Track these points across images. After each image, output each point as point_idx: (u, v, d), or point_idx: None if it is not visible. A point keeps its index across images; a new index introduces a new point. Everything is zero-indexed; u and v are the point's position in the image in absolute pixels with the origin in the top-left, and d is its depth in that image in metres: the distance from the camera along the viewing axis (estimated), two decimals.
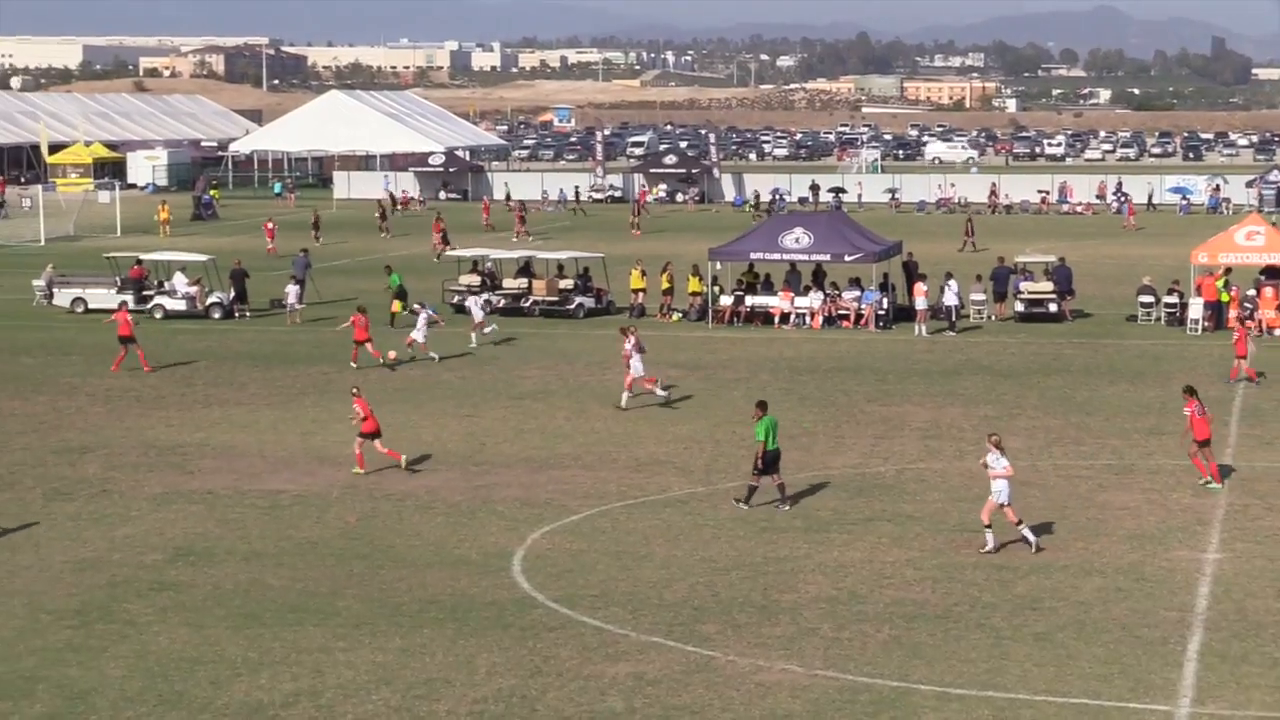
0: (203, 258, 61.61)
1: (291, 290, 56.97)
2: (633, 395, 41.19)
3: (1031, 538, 28.06)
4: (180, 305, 58.14)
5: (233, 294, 58.46)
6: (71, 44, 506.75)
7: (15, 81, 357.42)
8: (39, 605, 25.18)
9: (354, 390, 35.80)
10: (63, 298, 59.36)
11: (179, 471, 34.51)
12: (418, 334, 48.59)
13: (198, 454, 36.18)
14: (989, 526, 27.96)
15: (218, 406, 41.77)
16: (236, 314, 57.94)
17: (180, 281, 58.89)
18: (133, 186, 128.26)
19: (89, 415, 40.49)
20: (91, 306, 57.94)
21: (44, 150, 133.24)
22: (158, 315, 57.30)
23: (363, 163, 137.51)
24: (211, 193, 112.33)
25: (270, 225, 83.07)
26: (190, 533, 29.58)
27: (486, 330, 51.60)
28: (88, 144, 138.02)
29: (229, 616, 24.67)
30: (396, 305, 55.51)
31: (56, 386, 44.13)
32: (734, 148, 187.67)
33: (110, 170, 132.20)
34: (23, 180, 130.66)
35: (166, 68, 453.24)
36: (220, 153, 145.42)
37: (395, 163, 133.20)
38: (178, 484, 33.36)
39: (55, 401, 42.05)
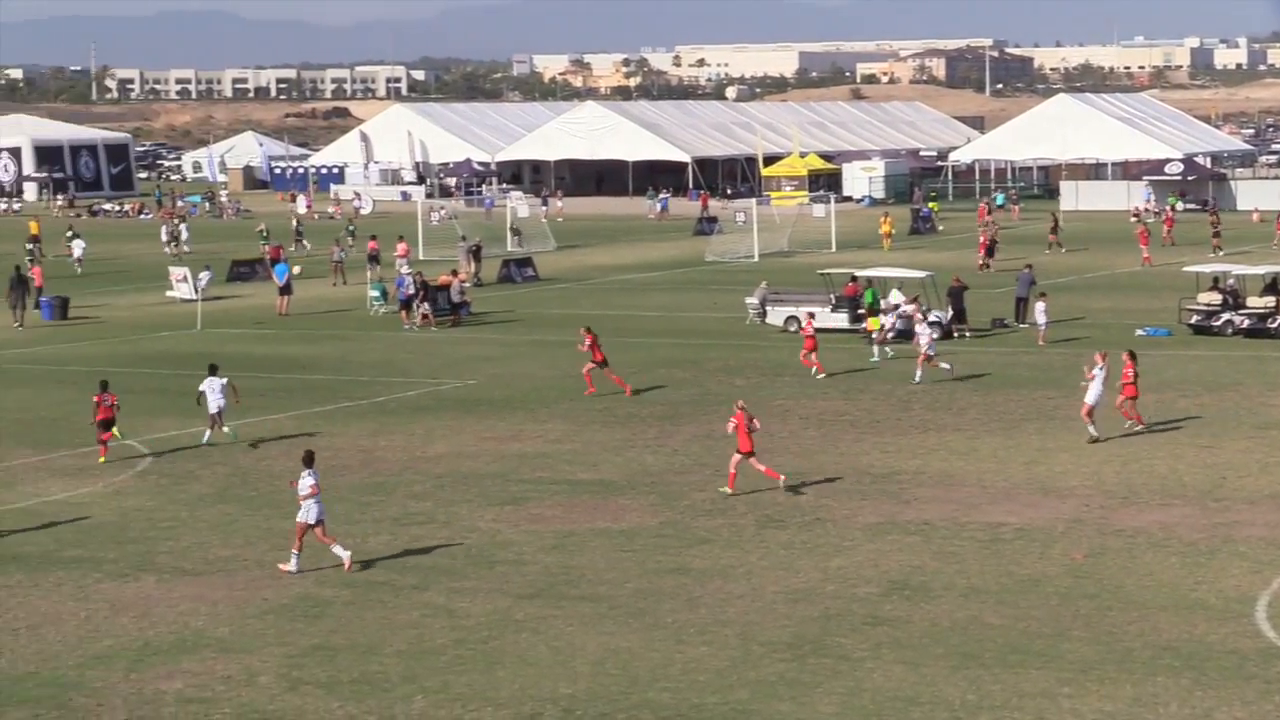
0: (920, 274, 62.34)
1: (1038, 308, 56.76)
2: None
3: None
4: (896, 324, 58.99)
5: (951, 312, 58.95)
6: (788, 51, 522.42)
7: (731, 92, 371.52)
8: (752, 636, 26.10)
9: (739, 404, 36.27)
10: (775, 316, 61.07)
11: (894, 500, 35.09)
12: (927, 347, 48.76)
13: (913, 482, 36.70)
14: None
15: (935, 432, 42.25)
16: (955, 334, 58.38)
17: (897, 299, 59.79)
18: (848, 199, 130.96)
19: (801, 439, 41.65)
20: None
21: (759, 162, 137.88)
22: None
23: (1092, 171, 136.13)
24: (930, 205, 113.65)
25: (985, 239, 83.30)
26: (906, 565, 30.04)
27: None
28: (802, 155, 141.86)
29: (946, 655, 24.93)
30: (873, 323, 56.18)
31: (768, 409, 45.56)
32: None
33: (825, 182, 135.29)
34: (727, 193, 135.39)
35: (884, 73, 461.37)
36: (939, 163, 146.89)
37: (1128, 170, 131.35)
38: (893, 514, 33.94)
39: (767, 425, 43.37)
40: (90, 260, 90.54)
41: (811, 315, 53.14)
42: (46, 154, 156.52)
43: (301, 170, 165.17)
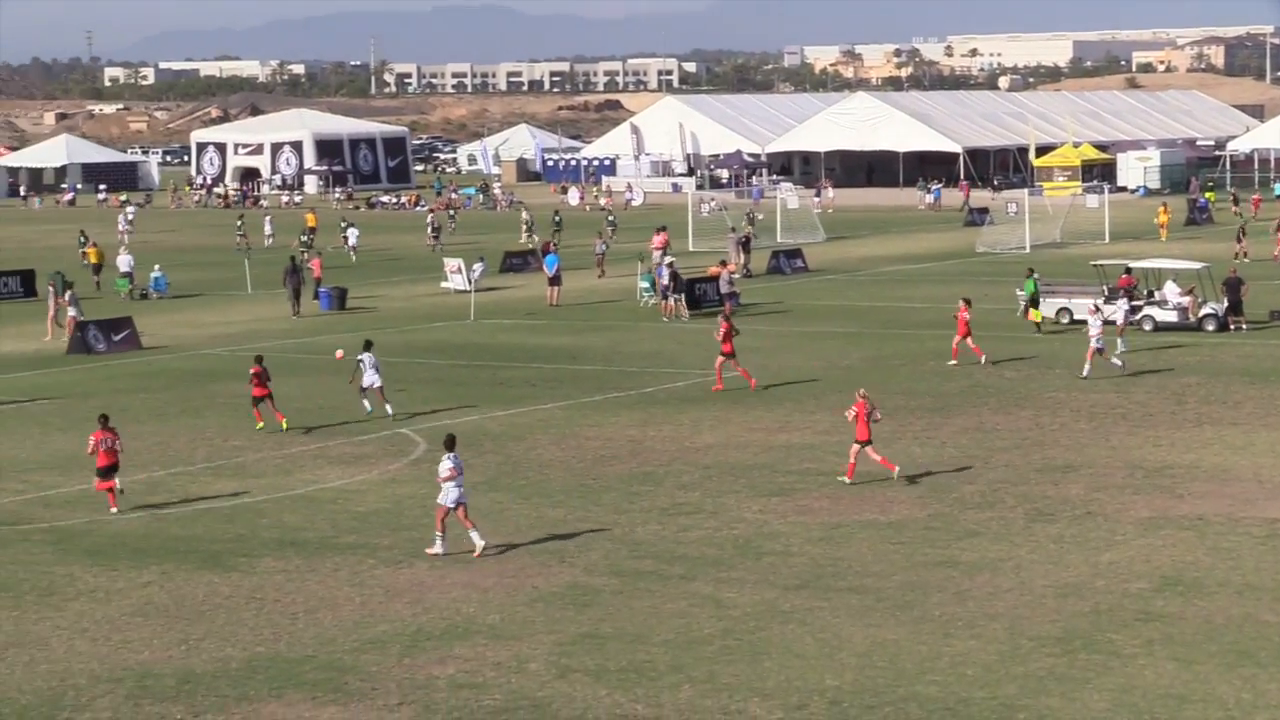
0: (1196, 265, 61.21)
1: None
2: None
3: None
4: (1171, 316, 58.03)
5: (1226, 304, 57.80)
6: (1062, 40, 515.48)
7: (1003, 81, 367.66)
8: (1020, 630, 25.83)
9: (860, 393, 36.25)
10: (1047, 308, 60.39)
11: (1167, 495, 34.49)
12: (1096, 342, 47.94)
13: (1187, 477, 36.03)
14: None
15: (1210, 426, 41.44)
16: (1231, 326, 57.23)
17: (1171, 291, 58.77)
18: (1122, 189, 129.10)
19: (1073, 432, 41.10)
20: (1077, 318, 58.80)
21: (1031, 153, 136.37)
22: (1147, 327, 57.44)
23: None
24: (1206, 195, 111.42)
25: None
26: (1179, 561, 29.51)
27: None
28: (1076, 145, 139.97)
29: (1220, 653, 24.46)
30: (1035, 315, 56.45)
31: (1040, 402, 45.06)
32: None
33: (1099, 172, 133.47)
34: (995, 185, 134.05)
35: (1161, 62, 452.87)
36: (1217, 152, 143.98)
37: None
38: (1166, 508, 33.35)
39: (1038, 418, 42.94)
40: (365, 251, 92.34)
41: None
42: (327, 147, 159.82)
43: (573, 162, 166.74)
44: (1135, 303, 57.95)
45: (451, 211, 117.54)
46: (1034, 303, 57.76)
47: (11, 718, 23.05)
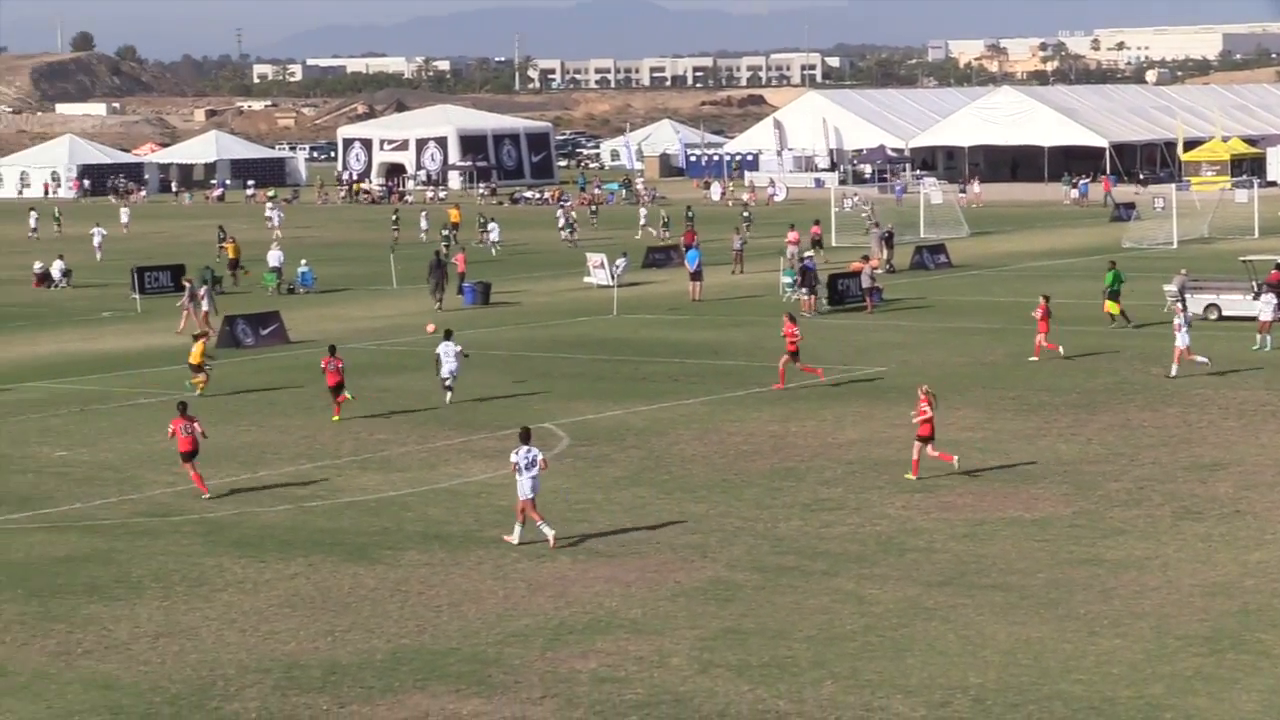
0: None
1: None
2: None
3: None
4: None
5: None
6: (1211, 33, 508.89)
7: (1151, 75, 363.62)
8: (1167, 629, 25.55)
9: (924, 389, 36.04)
10: (1195, 304, 59.70)
11: None
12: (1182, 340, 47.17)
13: None
14: None
15: None
16: None
17: None
18: (1272, 184, 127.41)
19: (1221, 430, 40.59)
20: (1225, 314, 58.12)
21: (1179, 147, 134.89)
22: None
23: None
24: None
25: None
26: None
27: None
28: (1225, 139, 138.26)
29: None
30: (1111, 306, 56.35)
31: (1187, 398, 44.54)
32: None
33: (1248, 167, 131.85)
34: (1140, 179, 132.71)
35: None
36: None
37: None
38: None
39: (1186, 415, 42.46)
40: (508, 247, 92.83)
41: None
42: (471, 143, 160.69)
43: (716, 158, 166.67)
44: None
45: (594, 207, 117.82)
46: (1113, 296, 57.22)
47: (163, 706, 23.38)
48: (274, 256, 77.37)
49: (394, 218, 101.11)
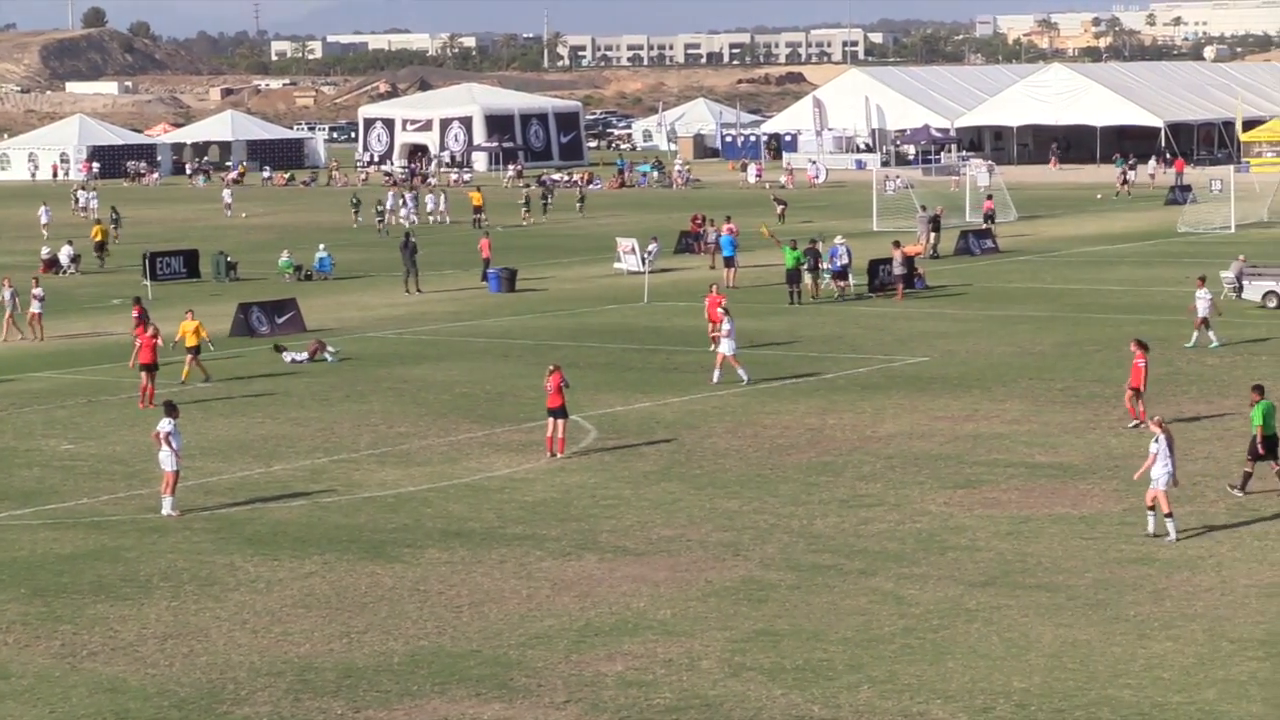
0: None
1: None
2: None
3: None
4: None
5: None
6: (1272, 8, 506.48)
7: (1209, 51, 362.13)
8: (1221, 632, 25.47)
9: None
10: (1253, 291, 59.57)
11: None
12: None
13: None
14: None
15: None
16: None
17: None
18: None
19: None
20: None
21: (1238, 127, 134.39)
22: None
23: None
24: None
25: None
26: None
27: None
28: None
29: None
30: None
31: (1242, 391, 44.21)
32: None
33: None
34: (1193, 160, 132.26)
35: None
36: None
37: None
38: None
39: (1241, 407, 42.17)
40: (535, 230, 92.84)
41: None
42: (497, 123, 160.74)
43: (753, 139, 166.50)
44: None
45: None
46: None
47: (171, 710, 23.44)
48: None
49: (354, 200, 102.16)
